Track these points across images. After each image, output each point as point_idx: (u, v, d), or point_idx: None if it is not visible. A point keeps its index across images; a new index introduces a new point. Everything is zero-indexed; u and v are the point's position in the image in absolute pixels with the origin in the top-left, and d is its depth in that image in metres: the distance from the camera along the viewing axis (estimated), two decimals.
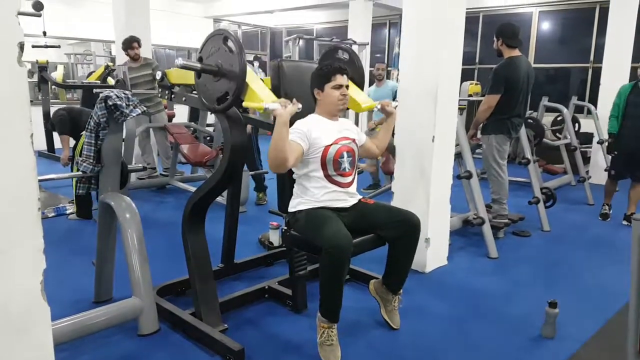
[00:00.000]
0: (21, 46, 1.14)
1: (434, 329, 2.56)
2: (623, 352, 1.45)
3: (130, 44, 5.45)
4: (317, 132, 2.37)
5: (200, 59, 2.32)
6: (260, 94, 2.26)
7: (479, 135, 4.28)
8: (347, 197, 2.47)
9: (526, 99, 4.10)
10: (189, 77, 2.60)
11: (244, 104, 2.28)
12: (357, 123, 7.66)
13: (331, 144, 2.39)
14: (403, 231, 2.38)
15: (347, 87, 2.44)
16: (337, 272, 2.13)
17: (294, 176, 2.47)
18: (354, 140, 2.51)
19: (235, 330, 2.47)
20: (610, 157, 4.98)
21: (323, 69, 2.43)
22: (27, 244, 1.21)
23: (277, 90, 2.57)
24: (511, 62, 3.94)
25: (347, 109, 2.69)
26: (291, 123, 2.26)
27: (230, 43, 2.21)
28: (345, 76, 2.43)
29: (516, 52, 3.98)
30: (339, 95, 2.41)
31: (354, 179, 2.51)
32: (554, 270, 3.49)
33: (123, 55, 5.69)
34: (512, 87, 3.92)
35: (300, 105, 2.20)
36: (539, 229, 4.39)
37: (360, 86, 2.88)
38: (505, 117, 3.97)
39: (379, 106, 2.64)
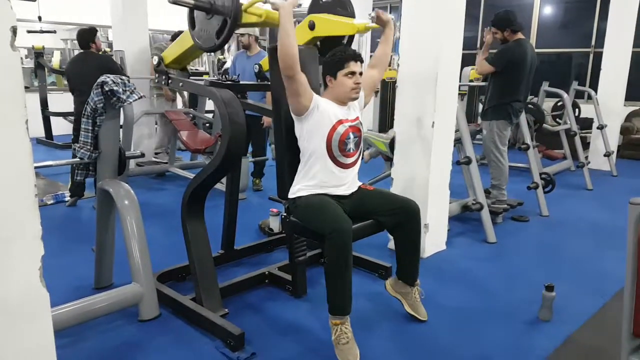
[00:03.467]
0: (14, 30, 1.12)
1: (432, 313, 2.56)
2: (618, 335, 1.47)
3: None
4: (327, 108, 2.33)
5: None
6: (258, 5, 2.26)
7: (479, 121, 4.27)
8: (348, 182, 2.44)
9: (528, 84, 4.08)
10: (185, 44, 2.61)
11: (246, 11, 2.28)
12: None
13: (340, 123, 2.34)
14: (402, 218, 2.38)
15: (360, 74, 2.36)
16: (343, 255, 2.11)
17: (301, 155, 2.41)
18: (358, 118, 2.47)
19: (236, 315, 2.49)
20: None
21: (336, 55, 2.34)
22: (25, 230, 1.21)
23: (276, 73, 2.55)
24: (519, 44, 3.91)
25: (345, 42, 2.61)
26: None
27: None
28: (359, 63, 2.34)
29: (520, 35, 3.97)
30: (352, 84, 2.32)
31: (357, 159, 2.47)
32: (552, 255, 3.50)
33: (121, 39, 5.65)
34: (517, 70, 3.90)
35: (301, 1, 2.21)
36: (537, 214, 4.40)
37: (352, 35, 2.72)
38: (507, 101, 3.96)
39: (372, 14, 2.51)
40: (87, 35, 4.47)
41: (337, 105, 2.39)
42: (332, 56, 2.36)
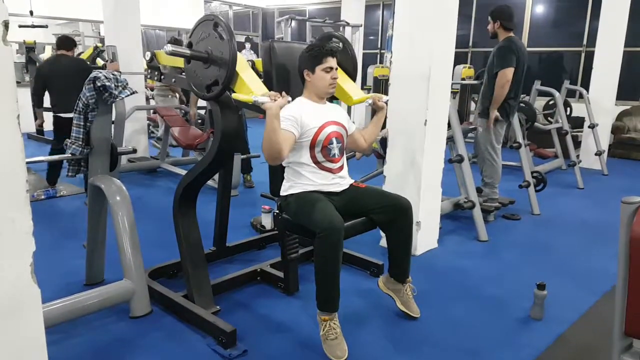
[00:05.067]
0: (5, 24, 1.11)
1: (423, 310, 2.57)
2: (610, 333, 1.48)
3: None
4: (307, 117, 2.35)
5: (190, 45, 2.28)
6: (250, 84, 2.22)
7: (471, 119, 4.28)
8: (339, 181, 2.46)
9: (521, 82, 4.09)
10: (179, 61, 2.56)
11: (232, 96, 2.25)
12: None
13: (320, 130, 2.37)
14: (394, 215, 2.38)
15: (336, 69, 2.42)
16: (332, 254, 2.12)
17: (283, 163, 2.45)
18: (343, 126, 2.49)
19: (228, 312, 2.49)
20: None
21: (314, 50, 2.40)
22: (16, 226, 1.20)
23: (269, 72, 2.55)
24: (514, 41, 3.92)
25: (336, 99, 2.66)
26: None
27: (220, 29, 2.16)
28: (335, 59, 2.41)
29: (512, 34, 3.97)
30: (330, 79, 2.39)
31: (343, 164, 2.51)
32: (544, 253, 3.52)
33: (113, 35, 5.61)
34: (515, 68, 3.90)
35: (290, 98, 2.17)
36: (529, 212, 4.43)
37: (353, 77, 2.80)
38: (504, 99, 3.96)
39: (370, 100, 2.61)
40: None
41: (316, 103, 2.44)
42: (309, 51, 2.41)
